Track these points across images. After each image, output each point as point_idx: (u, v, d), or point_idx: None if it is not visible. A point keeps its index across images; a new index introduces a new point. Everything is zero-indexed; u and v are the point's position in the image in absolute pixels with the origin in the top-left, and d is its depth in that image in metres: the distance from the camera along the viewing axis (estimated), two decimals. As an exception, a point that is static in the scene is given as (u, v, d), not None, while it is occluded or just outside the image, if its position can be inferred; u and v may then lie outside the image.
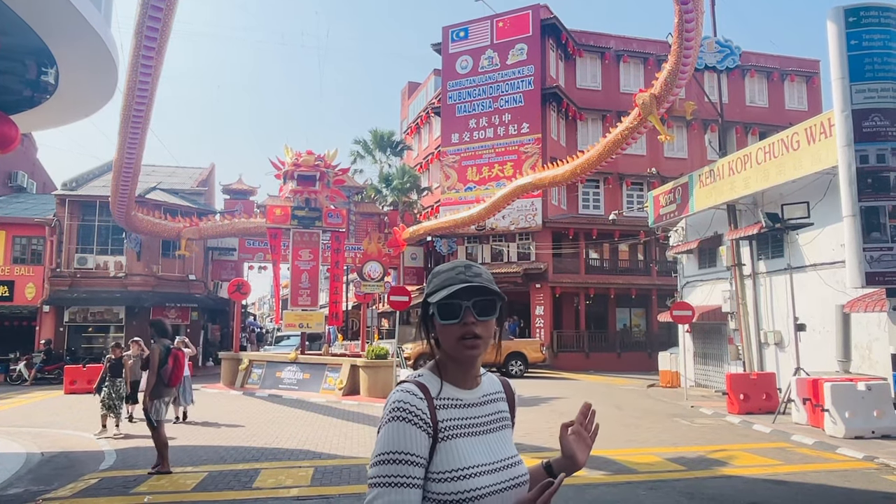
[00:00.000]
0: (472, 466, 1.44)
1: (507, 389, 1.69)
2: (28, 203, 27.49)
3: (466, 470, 1.43)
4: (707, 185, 16.68)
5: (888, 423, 10.37)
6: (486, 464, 1.47)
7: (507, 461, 1.52)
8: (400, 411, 1.42)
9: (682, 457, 9.01)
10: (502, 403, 1.63)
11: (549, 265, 27.24)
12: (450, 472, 1.42)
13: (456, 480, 1.41)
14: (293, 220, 19.25)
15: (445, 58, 30.48)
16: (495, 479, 1.46)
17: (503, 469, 1.49)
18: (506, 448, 1.55)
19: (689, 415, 13.54)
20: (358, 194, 31.43)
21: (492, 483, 1.45)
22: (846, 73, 11.19)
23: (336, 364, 17.55)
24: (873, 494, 6.96)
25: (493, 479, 1.45)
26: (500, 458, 1.51)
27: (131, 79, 12.25)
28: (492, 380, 1.66)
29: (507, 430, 1.61)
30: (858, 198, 10.92)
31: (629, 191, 30.61)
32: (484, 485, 1.43)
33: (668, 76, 14.18)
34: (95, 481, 7.64)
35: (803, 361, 12.79)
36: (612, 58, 31.12)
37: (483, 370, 1.65)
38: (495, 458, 1.50)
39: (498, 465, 1.49)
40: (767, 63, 33.02)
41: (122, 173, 16.01)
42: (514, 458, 1.55)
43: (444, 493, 1.40)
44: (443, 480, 1.41)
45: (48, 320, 24.49)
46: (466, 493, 1.40)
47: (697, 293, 19.03)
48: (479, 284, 1.49)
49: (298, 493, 6.97)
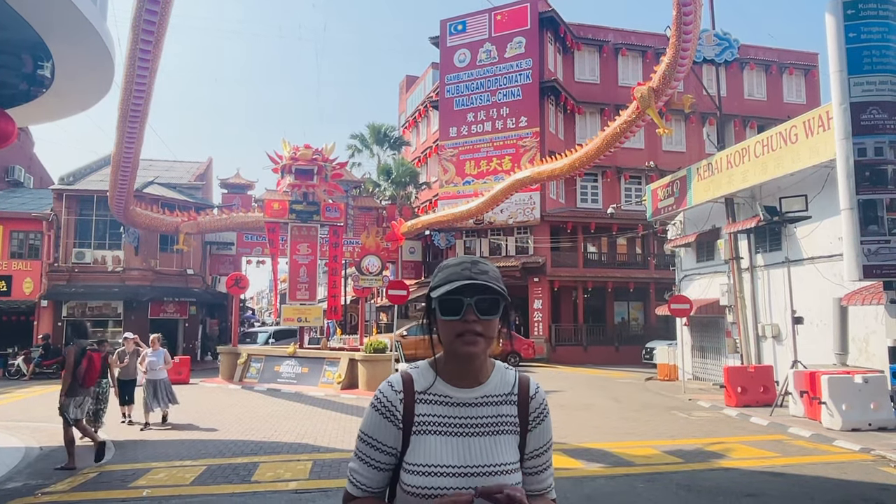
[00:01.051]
0: (438, 465, 1.44)
1: (522, 393, 1.57)
2: (25, 198, 27.43)
3: (432, 467, 1.44)
4: (705, 178, 16.67)
5: (885, 416, 10.41)
6: (455, 466, 1.45)
7: (487, 468, 1.46)
8: (376, 400, 1.54)
9: (679, 449, 9.04)
10: (508, 407, 1.54)
11: (547, 259, 27.25)
12: (416, 465, 1.46)
13: (420, 475, 1.45)
14: (291, 215, 19.23)
15: (443, 51, 30.39)
16: (465, 483, 1.42)
17: (478, 476, 1.44)
18: (493, 455, 1.48)
19: (686, 408, 13.58)
20: (356, 188, 31.38)
21: (458, 486, 1.41)
22: (844, 65, 11.17)
23: (334, 358, 17.57)
24: (869, 486, 6.99)
25: (461, 483, 1.42)
26: (479, 463, 1.46)
27: (129, 73, 12.20)
28: (506, 381, 1.57)
29: (506, 437, 1.52)
30: (856, 191, 10.93)
31: (627, 184, 30.61)
32: (447, 486, 1.42)
33: (667, 69, 14.15)
34: (94, 475, 7.66)
35: (801, 354, 12.82)
36: (611, 51, 31.05)
37: (505, 367, 1.61)
38: (470, 463, 1.45)
39: (472, 471, 1.44)
40: (766, 56, 32.97)
41: (121, 168, 15.97)
42: (501, 466, 1.47)
43: (410, 484, 1.46)
44: (410, 472, 1.46)
45: (46, 315, 24.48)
46: (427, 489, 1.42)
47: (695, 287, 19.06)
48: (484, 282, 1.45)
49: (297, 487, 6.99)
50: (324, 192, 19.49)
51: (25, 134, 31.55)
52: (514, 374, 1.62)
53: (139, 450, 9.07)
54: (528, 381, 1.62)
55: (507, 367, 1.62)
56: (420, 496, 1.43)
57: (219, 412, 12.79)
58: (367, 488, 1.52)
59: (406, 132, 38.62)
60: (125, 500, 6.55)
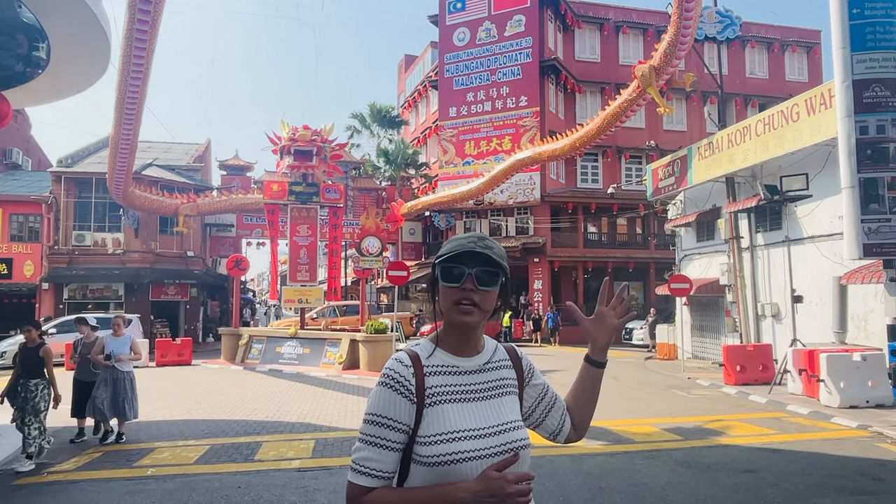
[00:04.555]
0: (458, 430, 1.49)
1: (513, 357, 1.71)
2: (24, 180, 27.35)
3: (452, 434, 1.48)
4: (706, 157, 16.61)
5: (882, 393, 10.49)
6: (474, 429, 1.50)
7: (501, 426, 1.54)
8: (386, 377, 1.53)
9: (679, 427, 9.12)
10: (507, 371, 1.65)
11: (547, 239, 27.25)
12: (436, 435, 1.48)
13: (441, 443, 1.47)
14: (291, 196, 19.18)
15: (442, 30, 30.08)
16: (485, 444, 1.49)
17: (496, 434, 1.52)
18: (503, 414, 1.57)
19: (686, 386, 13.68)
20: (355, 169, 31.25)
21: (480, 447, 1.48)
22: (847, 42, 11.06)
23: (336, 339, 17.65)
24: (866, 462, 7.07)
25: (481, 444, 1.48)
26: (494, 423, 1.54)
27: (126, 53, 12.09)
28: (498, 349, 1.69)
29: (510, 397, 1.62)
30: (858, 169, 10.88)
31: (628, 164, 30.49)
32: (470, 448, 1.47)
33: (668, 47, 14.00)
34: (99, 455, 7.74)
35: (800, 333, 12.88)
36: (612, 29, 30.74)
37: (493, 342, 1.70)
38: (487, 424, 1.53)
39: (490, 431, 1.52)
40: (768, 34, 32.64)
41: (119, 150, 15.88)
42: (512, 423, 1.57)
43: (430, 455, 1.46)
44: (429, 444, 1.47)
45: (48, 297, 24.54)
46: (451, 455, 1.45)
47: (695, 266, 19.09)
48: (486, 254, 1.52)
49: (300, 465, 7.07)
50: (323, 174, 19.42)
51: (22, 116, 31.39)
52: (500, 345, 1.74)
53: (143, 430, 9.15)
54: (513, 347, 1.76)
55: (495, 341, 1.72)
56: (444, 464, 1.45)
57: (221, 393, 12.89)
58: (382, 474, 1.48)
59: (405, 112, 38.34)
60: (130, 479, 6.63)
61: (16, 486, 6.49)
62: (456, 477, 1.45)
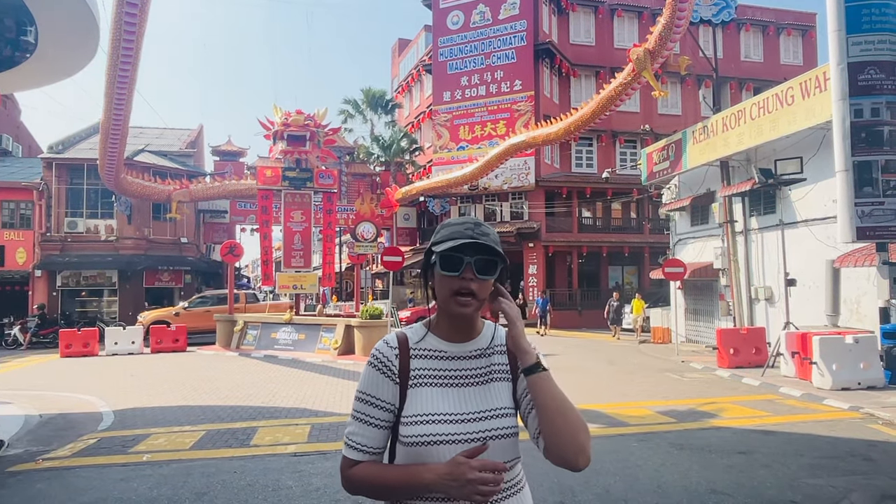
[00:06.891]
0: (434, 413, 1.51)
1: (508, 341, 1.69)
2: (14, 167, 27.12)
3: (428, 416, 1.51)
4: (700, 141, 16.59)
5: (874, 375, 10.58)
6: (452, 413, 1.52)
7: (484, 413, 1.53)
8: (373, 358, 1.59)
9: (672, 410, 9.18)
10: (499, 357, 1.63)
11: (542, 224, 27.24)
12: (414, 416, 1.52)
13: (417, 424, 1.50)
14: (284, 182, 19.09)
15: (436, 13, 29.80)
16: (461, 429, 1.50)
17: (476, 420, 1.51)
18: (489, 401, 1.55)
19: (679, 369, 13.76)
20: (349, 154, 31.11)
21: (455, 432, 1.49)
22: (843, 24, 11.02)
23: (331, 324, 17.66)
24: (857, 442, 7.14)
25: (457, 429, 1.50)
26: (476, 409, 1.53)
27: (115, 37, 11.95)
28: (497, 334, 1.66)
29: (500, 384, 1.59)
30: (852, 152, 10.89)
31: (622, 148, 30.44)
32: (444, 432, 1.49)
33: (663, 30, 13.94)
34: (94, 441, 7.73)
35: (793, 316, 12.95)
36: (606, 12, 30.55)
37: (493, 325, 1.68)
38: (468, 410, 1.53)
39: (469, 417, 1.52)
40: (763, 16, 32.50)
41: (110, 135, 15.76)
42: (498, 410, 1.55)
43: (408, 435, 1.51)
44: (408, 423, 1.51)
45: (41, 285, 24.45)
46: (424, 437, 1.48)
47: (689, 250, 19.13)
48: (485, 243, 1.50)
49: (296, 450, 7.08)
50: (316, 159, 19.32)
51: (11, 101, 31.05)
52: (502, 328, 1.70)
53: (138, 416, 9.14)
54: None
55: (495, 324, 1.70)
56: (418, 444, 1.49)
57: (216, 379, 12.89)
58: (367, 448, 1.54)
59: (399, 97, 38.10)
60: (126, 465, 6.62)
61: (9, 472, 6.48)
62: (428, 459, 1.48)
